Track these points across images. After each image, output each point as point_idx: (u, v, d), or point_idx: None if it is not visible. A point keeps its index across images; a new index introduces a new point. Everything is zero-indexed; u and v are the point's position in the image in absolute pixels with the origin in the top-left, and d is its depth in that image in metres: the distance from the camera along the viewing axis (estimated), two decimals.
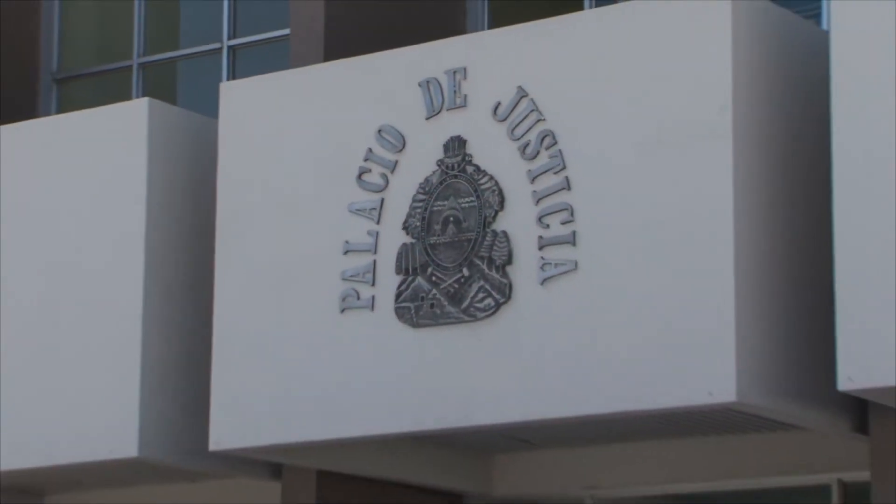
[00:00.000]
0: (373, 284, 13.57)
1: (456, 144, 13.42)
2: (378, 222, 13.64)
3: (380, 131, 13.72)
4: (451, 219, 13.33)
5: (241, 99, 14.88)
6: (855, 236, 11.84)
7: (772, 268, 12.37)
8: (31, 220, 15.73)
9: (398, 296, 13.42)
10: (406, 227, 13.51)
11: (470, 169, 13.32)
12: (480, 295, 13.08)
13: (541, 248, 12.90)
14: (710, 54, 12.47)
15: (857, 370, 11.75)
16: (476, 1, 16.65)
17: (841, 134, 12.01)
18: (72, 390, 15.06)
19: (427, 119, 13.56)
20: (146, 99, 15.79)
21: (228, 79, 17.18)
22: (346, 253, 13.72)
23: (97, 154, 15.47)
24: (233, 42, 17.89)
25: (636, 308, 12.48)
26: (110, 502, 17.50)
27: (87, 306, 15.13)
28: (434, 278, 13.28)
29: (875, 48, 12.07)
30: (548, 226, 12.92)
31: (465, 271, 13.15)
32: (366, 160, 13.78)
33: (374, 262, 13.58)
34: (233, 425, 14.11)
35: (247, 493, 16.13)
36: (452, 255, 13.25)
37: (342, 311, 13.67)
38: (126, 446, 14.63)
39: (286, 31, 16.21)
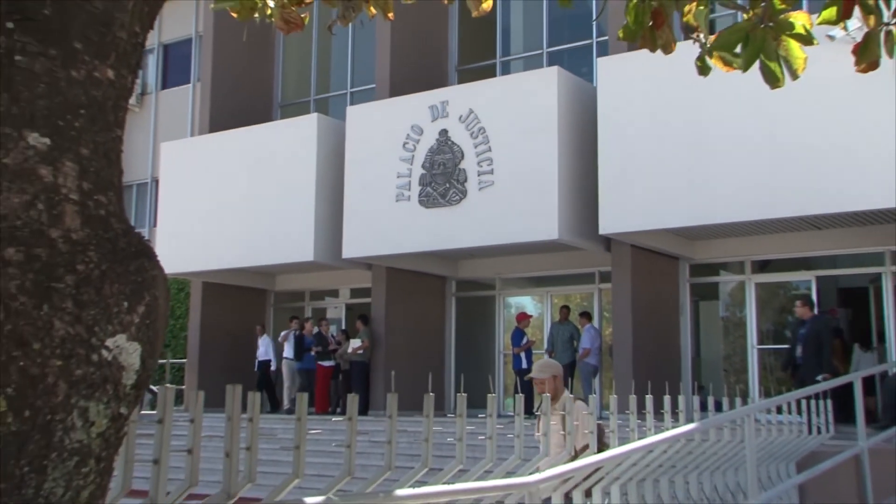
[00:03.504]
0: (409, 190, 13.33)
1: (444, 132, 13.24)
2: (411, 164, 13.45)
3: (412, 126, 13.48)
4: (442, 163, 13.09)
5: (357, 116, 14.92)
6: (607, 165, 12.00)
7: (571, 172, 12.26)
8: (257, 176, 15.18)
9: (420, 194, 13.51)
10: (423, 167, 13.50)
11: (450, 143, 13.15)
12: (454, 194, 13.14)
13: (479, 175, 12.95)
14: (545, 97, 12.49)
15: (604, 224, 11.64)
16: (453, 73, 16.07)
17: (603, 120, 12.10)
18: (286, 231, 14.54)
19: (432, 121, 13.55)
20: (315, 114, 15.63)
21: (351, 105, 16.61)
22: (398, 177, 13.53)
23: (293, 143, 15.12)
24: (352, 90, 17.41)
25: (516, 195, 12.86)
26: (303, 278, 17.18)
27: (303, 209, 14.59)
28: (435, 186, 13.01)
29: (618, 95, 11.76)
30: (481, 166, 12.66)
31: (447, 185, 13.12)
32: (406, 138, 13.66)
33: (409, 181, 13.61)
34: (353, 245, 14.31)
35: (354, 274, 15.95)
36: (442, 178, 13.13)
37: (397, 201, 13.56)
38: (307, 253, 14.39)
39: (373, 86, 15.68)
